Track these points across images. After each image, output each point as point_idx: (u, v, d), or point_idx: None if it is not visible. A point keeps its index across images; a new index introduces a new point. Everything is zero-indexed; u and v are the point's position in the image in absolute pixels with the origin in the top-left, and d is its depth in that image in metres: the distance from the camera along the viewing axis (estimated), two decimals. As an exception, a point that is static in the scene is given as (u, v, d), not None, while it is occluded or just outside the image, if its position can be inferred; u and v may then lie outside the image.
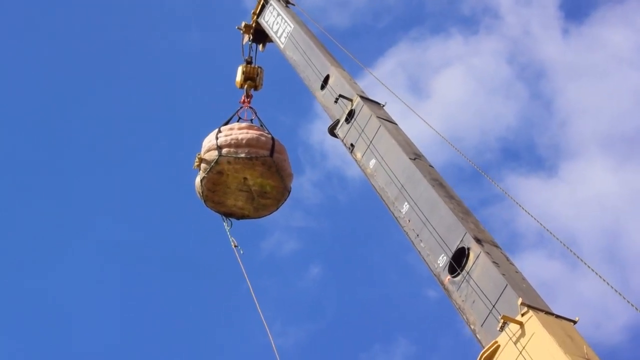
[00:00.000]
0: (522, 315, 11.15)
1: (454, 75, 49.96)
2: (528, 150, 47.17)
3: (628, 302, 11.18)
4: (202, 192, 20.06)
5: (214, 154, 19.69)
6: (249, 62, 22.80)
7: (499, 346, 11.26)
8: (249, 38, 23.12)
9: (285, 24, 21.31)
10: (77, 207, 46.41)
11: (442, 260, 12.90)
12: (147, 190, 47.12)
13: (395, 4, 51.48)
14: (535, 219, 13.04)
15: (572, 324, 11.20)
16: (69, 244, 45.47)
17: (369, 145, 15.86)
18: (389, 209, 14.64)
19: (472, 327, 11.94)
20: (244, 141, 19.71)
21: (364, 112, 16.57)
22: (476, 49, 50.23)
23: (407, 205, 14.16)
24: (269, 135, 20.07)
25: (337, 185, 47.04)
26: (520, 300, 11.24)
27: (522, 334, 11.01)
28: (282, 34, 21.28)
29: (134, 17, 52.28)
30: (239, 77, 22.34)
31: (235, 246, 19.85)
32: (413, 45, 50.72)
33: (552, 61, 48.58)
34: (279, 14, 21.88)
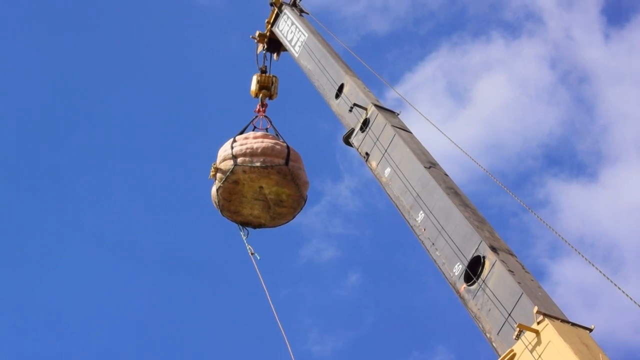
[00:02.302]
0: (538, 323, 11.17)
1: (496, 80, 49.93)
2: (570, 156, 47.16)
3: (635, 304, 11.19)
4: (218, 202, 20.15)
5: (229, 164, 19.78)
6: (263, 71, 22.88)
7: (515, 354, 11.29)
8: (264, 47, 23.20)
9: (300, 33, 21.37)
10: (91, 213, 46.46)
11: (458, 269, 12.94)
12: (166, 197, 47.13)
13: (437, 10, 51.56)
14: (557, 233, 13.02)
15: (588, 331, 11.23)
16: (77, 246, 45.49)
17: (384, 154, 15.90)
18: (405, 217, 14.68)
19: (488, 335, 11.98)
20: (259, 150, 19.79)
21: (378, 120, 16.62)
22: (518, 53, 50.15)
23: (423, 214, 14.20)
24: (284, 144, 20.13)
25: (377, 193, 47.01)
26: (536, 309, 11.26)
27: (538, 342, 11.04)
28: (296, 43, 21.34)
29: (144, 26, 52.44)
30: (253, 86, 22.43)
31: (252, 254, 19.95)
32: (454, 50, 50.75)
33: (594, 66, 48.55)
34: (293, 23, 21.95)
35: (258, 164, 19.67)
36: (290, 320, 43.35)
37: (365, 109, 17.22)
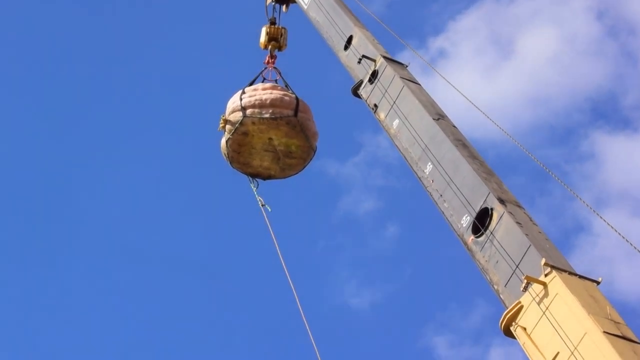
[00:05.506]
0: (546, 275, 11.19)
1: (542, 31, 49.28)
2: (615, 110, 46.86)
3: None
4: (227, 154, 20.18)
5: (238, 115, 19.79)
6: (272, 23, 22.74)
7: (522, 306, 11.33)
8: (273, -1, 23.06)
9: (309, -17, 21.24)
10: (93, 213, 45.73)
11: (466, 221, 12.94)
12: (167, 196, 46.36)
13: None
14: (582, 200, 12.97)
15: (595, 284, 11.24)
16: (79, 245, 44.95)
17: (392, 106, 15.88)
18: (412, 169, 14.69)
19: (496, 287, 12.00)
20: (268, 101, 19.79)
21: (387, 72, 16.58)
22: (565, 3, 49.62)
23: (431, 166, 14.20)
24: (293, 95, 20.12)
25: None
26: (543, 261, 11.27)
27: (546, 295, 11.06)
28: (305, -6, 21.23)
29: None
30: (262, 37, 22.29)
31: (262, 205, 20.03)
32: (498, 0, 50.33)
33: None
34: (302, -26, 21.80)
35: (267, 116, 19.67)
36: (328, 272, 43.43)
37: (374, 60, 17.18)
